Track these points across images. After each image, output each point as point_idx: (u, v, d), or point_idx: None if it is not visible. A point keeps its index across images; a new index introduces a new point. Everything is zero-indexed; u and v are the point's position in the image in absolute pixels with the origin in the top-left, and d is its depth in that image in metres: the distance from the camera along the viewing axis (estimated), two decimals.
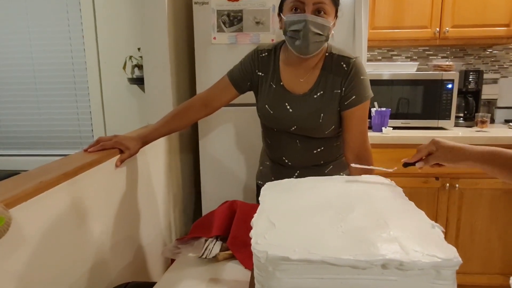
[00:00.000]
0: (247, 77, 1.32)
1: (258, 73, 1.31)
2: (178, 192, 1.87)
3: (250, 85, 1.34)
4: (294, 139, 1.31)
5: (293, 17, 1.13)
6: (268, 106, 1.28)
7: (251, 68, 1.31)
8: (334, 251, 0.62)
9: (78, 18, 2.51)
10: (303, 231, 0.69)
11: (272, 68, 1.29)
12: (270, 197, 0.86)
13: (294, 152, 1.33)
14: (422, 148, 1.03)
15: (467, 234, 2.10)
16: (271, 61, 1.29)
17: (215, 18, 1.74)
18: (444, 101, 2.18)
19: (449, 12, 2.21)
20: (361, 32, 1.73)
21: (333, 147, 1.34)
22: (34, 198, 0.82)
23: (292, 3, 1.13)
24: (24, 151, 2.73)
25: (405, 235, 0.68)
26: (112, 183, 1.20)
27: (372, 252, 0.62)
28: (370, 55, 2.62)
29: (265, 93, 1.30)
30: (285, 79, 1.27)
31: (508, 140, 2.01)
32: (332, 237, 0.67)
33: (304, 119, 1.25)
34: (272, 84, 1.28)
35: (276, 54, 1.30)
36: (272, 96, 1.28)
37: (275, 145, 1.37)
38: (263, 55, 1.30)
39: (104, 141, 1.19)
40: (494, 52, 2.58)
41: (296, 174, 1.36)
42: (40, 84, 2.63)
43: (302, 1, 1.12)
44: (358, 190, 0.92)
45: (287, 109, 1.26)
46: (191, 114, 1.35)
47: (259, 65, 1.30)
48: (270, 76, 1.29)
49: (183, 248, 1.22)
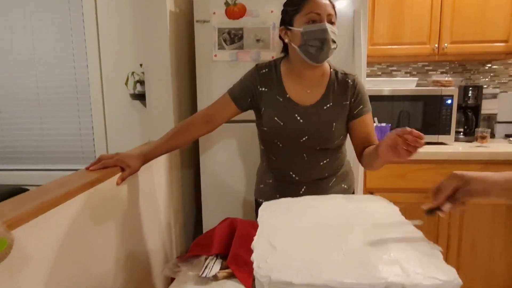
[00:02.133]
0: (248, 94, 1.35)
1: (260, 89, 1.33)
2: (179, 208, 1.87)
3: (251, 101, 1.36)
4: (301, 153, 1.33)
5: (313, 27, 1.21)
6: (278, 119, 1.31)
7: (252, 85, 1.34)
8: (337, 275, 0.62)
9: (81, 34, 2.55)
10: (305, 253, 0.70)
11: (275, 82, 1.32)
12: (269, 217, 0.87)
13: (301, 165, 1.34)
14: (445, 186, 0.83)
15: (469, 250, 2.09)
16: (273, 76, 1.33)
17: (216, 36, 1.77)
18: (444, 117, 2.19)
19: (448, 28, 2.24)
20: (360, 48, 1.75)
21: (337, 159, 1.38)
22: (36, 219, 0.82)
23: (309, 16, 1.21)
24: (26, 166, 2.74)
25: (406, 257, 0.68)
26: (113, 201, 1.20)
27: (374, 275, 0.62)
28: (370, 71, 2.64)
29: (272, 107, 1.32)
30: (290, 91, 1.31)
31: (509, 155, 2.01)
32: (334, 260, 0.67)
33: (316, 128, 1.29)
34: (278, 98, 1.31)
35: (277, 69, 1.34)
36: (281, 109, 1.31)
37: (280, 161, 1.37)
38: (264, 71, 1.34)
39: (105, 159, 1.20)
40: (493, 67, 2.60)
41: (302, 190, 1.37)
42: (43, 99, 2.66)
43: (318, 12, 1.20)
44: (355, 209, 0.92)
45: (298, 119, 1.29)
46: (192, 131, 1.37)
47: (261, 81, 1.33)
48: (275, 90, 1.32)
49: (183, 267, 1.22)
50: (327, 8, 1.22)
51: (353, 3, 1.73)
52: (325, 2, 1.22)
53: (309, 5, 1.21)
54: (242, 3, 1.74)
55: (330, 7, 1.23)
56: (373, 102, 2.21)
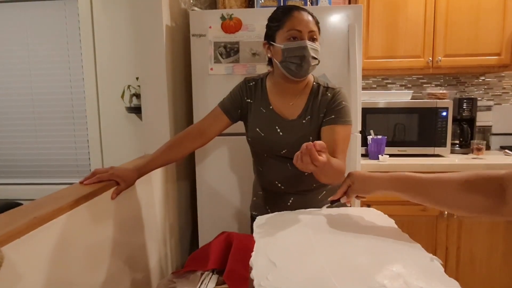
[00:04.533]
0: (237, 105, 1.39)
1: (247, 100, 1.38)
2: (174, 221, 1.85)
3: (241, 112, 1.40)
4: (285, 163, 1.33)
5: (293, 44, 1.22)
6: (259, 129, 1.33)
7: (240, 96, 1.39)
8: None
9: (77, 47, 2.56)
10: (305, 270, 0.69)
11: (260, 94, 1.37)
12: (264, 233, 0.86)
13: (286, 175, 1.35)
14: (343, 183, 1.04)
15: (467, 262, 2.08)
16: (258, 88, 1.38)
17: (212, 49, 1.78)
18: (440, 129, 2.20)
19: (441, 42, 2.27)
20: (355, 61, 1.77)
21: None
22: (27, 235, 0.80)
23: (290, 32, 1.22)
24: (21, 180, 2.72)
25: (407, 271, 0.67)
26: (107, 216, 1.19)
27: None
28: (365, 84, 2.66)
29: (255, 118, 1.35)
30: (275, 104, 1.35)
31: (504, 167, 2.02)
32: (335, 276, 0.66)
33: (294, 141, 1.28)
34: (262, 109, 1.35)
35: (263, 82, 1.39)
36: (263, 120, 1.34)
37: (266, 171, 1.39)
38: (251, 84, 1.39)
39: (100, 173, 1.19)
40: (487, 80, 2.62)
41: (290, 201, 1.37)
42: (39, 113, 2.65)
43: (299, 29, 1.22)
44: (350, 223, 0.91)
45: (278, 132, 1.32)
46: (186, 144, 1.38)
47: (248, 93, 1.38)
48: (260, 102, 1.36)
49: (179, 282, 1.19)
50: (309, 25, 1.23)
51: (348, 18, 1.75)
52: (307, 19, 1.23)
53: (291, 22, 1.22)
54: (238, 17, 1.76)
55: (313, 23, 1.24)
56: (369, 115, 2.25)
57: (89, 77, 2.54)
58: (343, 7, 1.80)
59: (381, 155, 2.11)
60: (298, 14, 1.23)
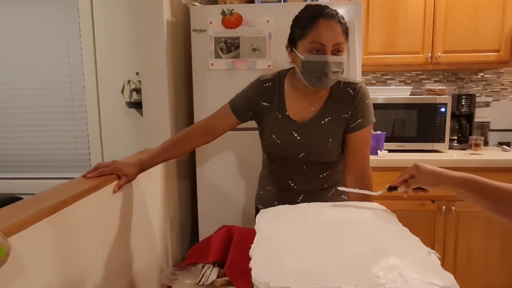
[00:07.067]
0: (249, 107, 1.33)
1: (262, 103, 1.31)
2: (175, 216, 1.86)
3: (253, 114, 1.34)
4: (302, 165, 1.32)
5: (314, 58, 1.14)
6: (275, 136, 1.29)
7: (254, 98, 1.32)
8: (335, 281, 0.62)
9: (77, 42, 2.55)
10: (303, 260, 0.70)
11: (277, 97, 1.30)
12: (266, 225, 0.87)
13: (301, 177, 1.34)
14: (405, 172, 1.04)
15: (465, 257, 2.10)
16: (275, 90, 1.30)
17: (213, 45, 1.78)
18: (438, 125, 2.21)
19: (440, 38, 2.28)
20: (355, 57, 1.78)
21: (338, 171, 1.36)
22: (33, 226, 0.82)
23: (312, 45, 1.14)
24: (21, 174, 2.72)
25: (403, 263, 0.68)
26: (109, 209, 1.20)
27: (372, 282, 0.62)
28: (365, 79, 2.66)
29: (271, 123, 1.30)
30: (290, 108, 1.29)
31: (502, 162, 2.03)
32: (332, 267, 0.67)
33: (312, 145, 1.26)
34: (277, 114, 1.29)
35: (280, 83, 1.31)
36: (279, 127, 1.29)
37: (281, 171, 1.37)
38: (267, 85, 1.31)
39: (102, 167, 1.20)
40: (485, 76, 2.63)
41: (300, 198, 1.36)
42: (39, 107, 2.65)
43: (322, 43, 1.13)
44: (352, 217, 0.93)
45: (295, 136, 1.27)
46: (190, 141, 1.36)
47: (263, 95, 1.31)
48: (276, 106, 1.29)
49: (180, 275, 1.21)
50: (334, 37, 1.13)
51: (348, 13, 1.76)
52: (333, 31, 1.13)
53: (315, 33, 1.13)
54: (238, 13, 1.76)
55: (340, 34, 1.14)
56: None
57: (89, 72, 2.54)
58: (343, 3, 1.80)
59: (380, 151, 2.12)
60: (324, 24, 1.12)
